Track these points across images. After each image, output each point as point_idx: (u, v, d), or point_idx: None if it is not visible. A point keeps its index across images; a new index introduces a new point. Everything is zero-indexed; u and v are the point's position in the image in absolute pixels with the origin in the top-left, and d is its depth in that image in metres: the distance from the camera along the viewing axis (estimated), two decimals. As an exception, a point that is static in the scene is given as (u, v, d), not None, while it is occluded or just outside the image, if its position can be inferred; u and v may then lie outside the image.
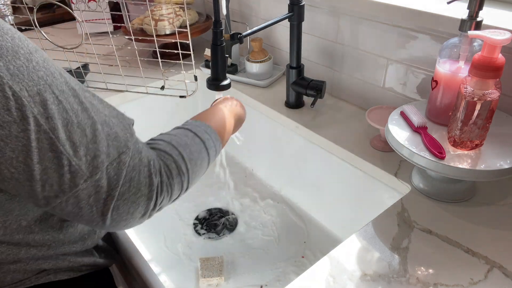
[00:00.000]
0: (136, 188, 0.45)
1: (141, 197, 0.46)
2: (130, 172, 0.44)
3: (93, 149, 0.42)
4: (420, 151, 0.61)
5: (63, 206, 0.42)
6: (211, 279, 0.81)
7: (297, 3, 0.84)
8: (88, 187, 0.42)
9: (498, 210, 0.64)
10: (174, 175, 0.50)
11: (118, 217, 0.45)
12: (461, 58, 0.62)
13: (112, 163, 0.43)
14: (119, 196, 0.44)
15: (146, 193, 0.46)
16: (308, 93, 0.92)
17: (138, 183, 0.45)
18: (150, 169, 0.46)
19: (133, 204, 0.45)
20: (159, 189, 0.47)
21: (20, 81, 0.37)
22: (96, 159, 0.42)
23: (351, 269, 0.55)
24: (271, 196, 1.04)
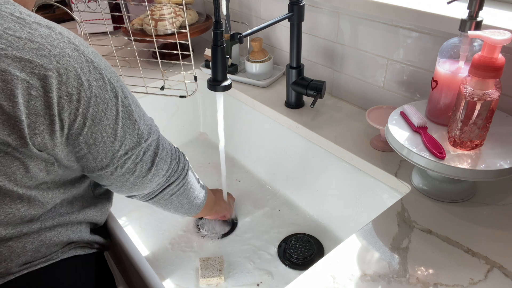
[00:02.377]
0: (166, 151, 0.62)
1: (168, 158, 0.62)
2: (163, 144, 0.61)
3: (147, 121, 0.58)
4: (420, 151, 0.61)
5: (124, 163, 0.55)
6: (210, 279, 0.81)
7: (297, 3, 0.84)
8: (145, 146, 0.57)
9: (498, 210, 0.64)
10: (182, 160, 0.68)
11: (156, 172, 0.60)
12: (461, 58, 0.62)
13: (155, 132, 0.60)
14: (160, 155, 0.60)
15: (170, 155, 0.63)
16: (308, 93, 0.92)
17: (167, 149, 0.62)
18: (169, 145, 0.65)
19: (165, 162, 0.62)
20: (176, 156, 0.65)
21: (112, 76, 0.52)
22: (149, 127, 0.58)
23: (351, 269, 0.55)
24: (271, 196, 1.04)
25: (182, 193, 0.69)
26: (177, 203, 0.70)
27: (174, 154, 0.65)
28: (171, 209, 0.72)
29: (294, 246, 0.88)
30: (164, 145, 0.62)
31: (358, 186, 0.82)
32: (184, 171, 0.68)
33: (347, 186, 0.86)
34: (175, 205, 0.70)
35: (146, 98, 1.08)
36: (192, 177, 0.72)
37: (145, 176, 0.59)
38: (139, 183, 0.60)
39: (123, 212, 1.00)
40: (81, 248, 0.64)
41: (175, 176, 0.66)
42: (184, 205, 0.71)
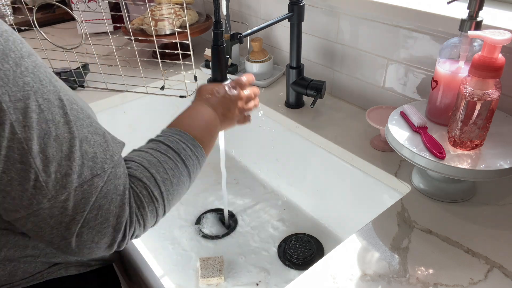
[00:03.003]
0: (104, 218, 0.42)
1: (108, 227, 0.42)
2: (100, 198, 0.41)
3: (65, 166, 0.39)
4: (420, 151, 0.61)
5: (23, 222, 0.40)
6: (210, 279, 0.81)
7: (297, 3, 0.84)
8: (51, 207, 0.39)
9: (498, 210, 0.64)
10: (145, 204, 0.46)
11: (81, 244, 0.42)
12: (461, 58, 0.62)
13: (82, 184, 0.40)
14: (84, 222, 0.41)
15: (114, 224, 0.43)
16: (308, 93, 0.92)
17: (107, 212, 0.42)
18: (123, 199, 0.43)
19: (98, 233, 0.42)
20: (128, 221, 0.44)
21: (4, 85, 0.35)
22: (66, 177, 0.39)
23: (351, 269, 0.55)
24: (271, 196, 1.04)
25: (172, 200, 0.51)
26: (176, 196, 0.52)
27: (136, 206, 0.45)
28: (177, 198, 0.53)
29: (294, 246, 0.88)
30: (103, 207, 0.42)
31: (358, 186, 0.82)
32: (155, 196, 0.47)
33: (347, 186, 0.86)
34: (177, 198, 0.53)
35: (146, 98, 1.08)
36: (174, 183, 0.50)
37: (64, 245, 0.42)
38: (58, 248, 0.43)
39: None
40: (75, 267, 0.58)
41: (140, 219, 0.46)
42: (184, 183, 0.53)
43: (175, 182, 0.50)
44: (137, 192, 0.45)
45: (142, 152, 0.50)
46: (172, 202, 0.51)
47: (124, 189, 0.44)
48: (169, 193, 0.49)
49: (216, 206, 1.02)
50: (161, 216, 0.49)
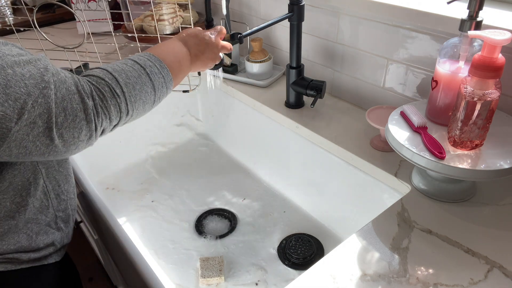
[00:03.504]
0: (73, 115, 0.48)
1: (80, 121, 0.49)
2: (60, 103, 0.47)
3: (11, 94, 0.43)
4: (420, 151, 0.61)
5: (9, 152, 0.45)
6: (210, 279, 0.81)
7: (297, 3, 0.84)
8: (22, 127, 0.44)
9: (498, 210, 0.64)
10: (108, 97, 0.51)
11: (65, 143, 0.48)
12: (461, 58, 0.62)
13: (36, 100, 0.45)
14: (58, 125, 0.47)
15: (83, 117, 0.49)
16: (308, 93, 0.92)
17: (72, 110, 0.48)
18: (81, 95, 0.49)
19: (75, 129, 0.48)
20: (95, 111, 0.50)
21: None
22: (18, 101, 0.43)
23: (351, 269, 0.55)
24: (270, 196, 1.04)
25: (135, 103, 0.55)
26: (140, 103, 0.57)
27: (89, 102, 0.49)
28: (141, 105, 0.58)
29: (294, 246, 0.88)
30: (67, 107, 0.47)
31: (358, 186, 0.82)
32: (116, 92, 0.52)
33: (347, 186, 0.86)
34: (141, 106, 0.57)
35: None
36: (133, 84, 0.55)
37: (52, 150, 0.49)
38: (53, 155, 0.50)
39: (123, 212, 1.00)
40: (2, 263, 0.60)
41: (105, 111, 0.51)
42: (147, 94, 0.57)
43: (137, 88, 0.55)
44: (99, 88, 0.51)
45: (108, 64, 0.56)
46: (136, 106, 0.55)
47: (77, 87, 0.49)
48: (131, 95, 0.54)
49: (216, 206, 1.02)
50: (124, 114, 0.54)
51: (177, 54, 0.64)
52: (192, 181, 1.10)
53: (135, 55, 0.59)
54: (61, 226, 0.69)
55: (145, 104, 0.57)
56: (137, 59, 0.57)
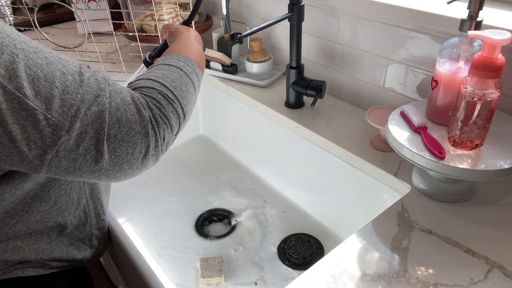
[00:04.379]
0: (128, 127, 0.45)
1: (135, 135, 0.45)
2: (114, 112, 0.44)
3: (67, 99, 0.42)
4: (420, 151, 0.61)
5: (57, 162, 0.43)
6: (210, 279, 0.81)
7: (297, 3, 0.84)
8: (72, 137, 0.42)
9: (498, 210, 0.64)
10: (164, 104, 0.49)
11: (117, 159, 0.45)
12: (461, 58, 0.62)
13: (89, 108, 0.43)
14: (111, 139, 0.44)
15: (139, 130, 0.45)
16: (308, 93, 0.92)
17: (127, 121, 0.45)
18: (137, 106, 0.46)
19: (129, 143, 0.45)
20: (154, 123, 0.47)
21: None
22: (72, 108, 0.42)
23: (351, 269, 0.55)
24: (271, 196, 1.04)
25: (186, 105, 0.54)
26: (189, 104, 0.56)
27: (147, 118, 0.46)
28: (190, 106, 0.57)
29: (294, 246, 0.88)
30: (122, 118, 0.44)
31: (358, 186, 0.82)
32: (170, 97, 0.51)
33: (347, 186, 0.86)
34: (191, 106, 0.57)
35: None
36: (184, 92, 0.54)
37: (102, 168, 0.45)
38: (104, 174, 0.46)
39: (123, 212, 1.00)
40: (33, 268, 0.59)
41: (165, 119, 0.49)
42: (192, 93, 0.56)
43: (184, 90, 0.53)
44: (153, 97, 0.49)
45: (146, 73, 0.54)
46: (188, 108, 0.54)
47: (132, 98, 0.46)
48: (183, 98, 0.52)
49: (216, 206, 1.02)
50: (182, 118, 0.52)
51: (194, 49, 0.64)
52: (192, 181, 1.10)
53: (161, 59, 0.58)
54: (95, 243, 0.69)
55: (192, 104, 0.56)
56: (169, 62, 0.56)
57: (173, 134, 0.51)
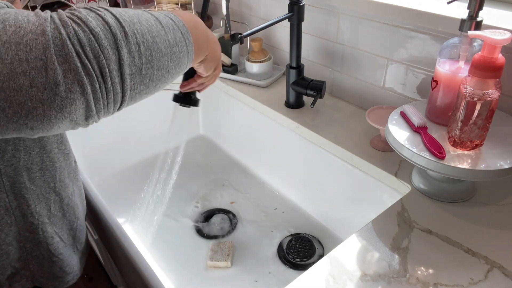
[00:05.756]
0: (16, 27, 0.33)
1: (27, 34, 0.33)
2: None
3: None
4: (420, 151, 0.61)
5: None
6: (217, 262, 0.84)
7: (297, 3, 0.84)
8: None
9: (498, 210, 0.64)
10: (81, 11, 0.36)
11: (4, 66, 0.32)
12: (461, 58, 0.62)
13: None
14: None
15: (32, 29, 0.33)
16: (308, 93, 0.92)
17: (16, 21, 0.33)
18: (34, 10, 0.35)
19: (19, 45, 0.32)
20: (58, 21, 0.34)
21: None
22: None
23: (351, 269, 0.55)
24: (271, 196, 1.04)
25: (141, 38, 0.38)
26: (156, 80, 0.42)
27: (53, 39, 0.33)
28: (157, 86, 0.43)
29: (294, 246, 0.88)
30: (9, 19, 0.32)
31: (358, 186, 0.82)
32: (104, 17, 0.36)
33: (347, 186, 0.86)
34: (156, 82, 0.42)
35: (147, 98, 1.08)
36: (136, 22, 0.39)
37: None
38: None
39: (123, 212, 1.00)
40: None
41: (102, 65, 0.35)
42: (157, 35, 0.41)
43: (132, 16, 0.39)
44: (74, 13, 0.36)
45: None
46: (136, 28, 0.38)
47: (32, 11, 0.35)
48: (121, 15, 0.38)
49: (216, 206, 1.02)
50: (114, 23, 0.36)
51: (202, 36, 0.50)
52: (192, 181, 1.10)
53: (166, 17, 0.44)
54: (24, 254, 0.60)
55: (155, 38, 0.40)
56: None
57: (93, 37, 0.34)
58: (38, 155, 0.55)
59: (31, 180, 0.56)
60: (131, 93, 0.39)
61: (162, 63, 0.41)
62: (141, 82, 0.39)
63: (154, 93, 0.44)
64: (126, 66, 0.37)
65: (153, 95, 0.45)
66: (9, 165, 0.52)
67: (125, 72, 0.37)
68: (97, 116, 0.37)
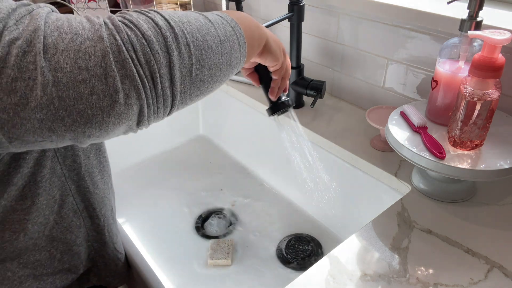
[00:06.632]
0: (72, 34, 0.32)
1: (84, 41, 0.32)
2: (53, 22, 0.33)
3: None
4: (420, 151, 0.61)
5: None
6: (218, 261, 0.84)
7: (297, 3, 0.84)
8: None
9: (498, 210, 0.64)
10: (132, 14, 0.36)
11: (64, 76, 0.31)
12: (461, 58, 0.62)
13: (21, 20, 0.32)
14: (50, 50, 0.31)
15: (89, 35, 0.33)
16: (308, 93, 0.92)
17: (70, 28, 0.33)
18: (87, 17, 0.35)
19: (78, 52, 0.32)
20: (111, 26, 0.34)
21: None
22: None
23: (351, 269, 0.55)
24: (270, 196, 1.04)
25: (200, 67, 0.38)
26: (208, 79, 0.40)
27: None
28: (210, 87, 0.42)
29: (293, 246, 0.88)
30: (63, 26, 0.33)
31: (358, 186, 0.82)
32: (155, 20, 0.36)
33: (347, 186, 0.86)
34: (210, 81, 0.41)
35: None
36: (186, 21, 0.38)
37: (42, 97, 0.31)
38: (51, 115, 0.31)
39: (123, 212, 1.00)
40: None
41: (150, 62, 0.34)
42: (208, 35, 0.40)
43: (185, 20, 0.39)
44: (125, 17, 0.36)
45: None
46: (189, 31, 0.38)
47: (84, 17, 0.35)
48: (175, 20, 0.37)
49: (216, 206, 1.02)
50: (167, 28, 0.36)
51: (253, 26, 0.49)
52: (192, 181, 1.10)
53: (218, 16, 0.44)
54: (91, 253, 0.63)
55: (209, 40, 0.39)
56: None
57: (145, 41, 0.34)
58: (96, 157, 0.57)
59: (94, 184, 0.57)
60: (181, 96, 0.38)
61: (213, 62, 0.40)
62: (191, 84, 0.39)
63: (207, 95, 0.43)
64: (176, 69, 0.36)
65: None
66: (71, 170, 0.53)
67: (175, 75, 0.36)
68: (147, 122, 0.37)
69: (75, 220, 0.56)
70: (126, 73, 0.33)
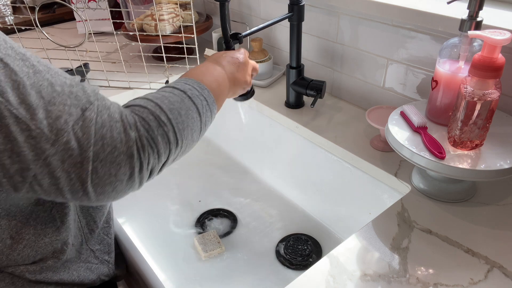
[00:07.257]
0: (111, 146, 0.41)
1: (119, 155, 0.42)
2: (99, 129, 0.41)
3: (53, 110, 0.39)
4: (420, 151, 0.61)
5: (40, 180, 0.40)
6: (213, 251, 0.85)
7: (297, 3, 0.84)
8: (57, 151, 0.39)
9: (498, 210, 0.64)
10: (153, 127, 0.45)
11: (100, 181, 0.41)
12: (461, 58, 0.62)
13: (77, 122, 0.40)
14: (94, 157, 0.40)
15: (124, 150, 0.42)
16: (308, 93, 0.92)
17: (112, 140, 0.41)
18: (124, 124, 0.43)
19: (112, 164, 0.41)
20: (139, 144, 0.44)
21: None
22: (58, 120, 0.39)
23: (351, 269, 0.55)
24: (271, 196, 1.04)
25: (183, 131, 0.50)
26: (188, 131, 0.51)
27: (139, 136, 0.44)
28: (189, 134, 0.52)
29: (293, 246, 0.88)
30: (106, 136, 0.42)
31: (358, 186, 0.82)
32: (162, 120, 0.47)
33: (347, 186, 0.86)
34: (190, 134, 0.52)
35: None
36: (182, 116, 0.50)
37: (84, 189, 0.42)
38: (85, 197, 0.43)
39: (123, 212, 1.00)
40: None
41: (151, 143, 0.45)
42: (194, 120, 0.52)
43: (183, 114, 0.49)
44: (143, 117, 0.45)
45: (147, 94, 0.51)
46: (184, 134, 0.49)
47: (120, 116, 0.43)
48: (178, 122, 0.48)
49: (216, 206, 1.02)
50: (174, 145, 0.48)
51: (212, 73, 0.60)
52: (192, 181, 1.10)
53: (171, 83, 0.55)
54: (105, 258, 0.66)
55: (193, 132, 0.51)
56: (174, 85, 0.53)
57: (160, 161, 0.47)
58: None
59: None
60: (163, 169, 0.51)
61: (193, 142, 0.53)
62: (173, 162, 0.51)
63: None
64: (168, 164, 0.50)
65: (199, 123, 0.56)
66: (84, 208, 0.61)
67: (165, 166, 0.50)
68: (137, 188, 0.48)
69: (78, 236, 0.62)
70: (142, 175, 0.46)
